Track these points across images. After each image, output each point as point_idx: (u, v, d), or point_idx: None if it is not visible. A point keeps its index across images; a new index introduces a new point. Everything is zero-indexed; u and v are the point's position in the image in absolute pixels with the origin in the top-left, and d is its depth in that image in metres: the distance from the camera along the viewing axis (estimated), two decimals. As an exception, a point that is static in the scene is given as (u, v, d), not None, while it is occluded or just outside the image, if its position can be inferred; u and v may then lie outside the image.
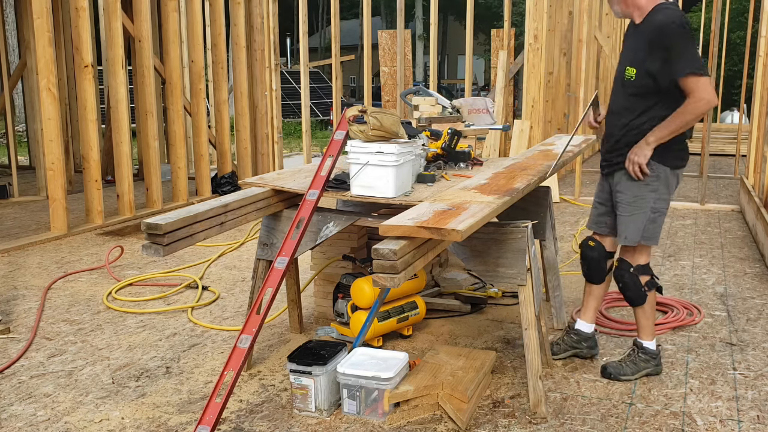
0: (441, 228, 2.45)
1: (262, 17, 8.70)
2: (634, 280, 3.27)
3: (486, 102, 4.17)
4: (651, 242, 3.24)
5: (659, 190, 3.18)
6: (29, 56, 7.95)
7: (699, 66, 3.00)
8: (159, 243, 2.74)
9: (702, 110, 3.03)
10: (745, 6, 19.54)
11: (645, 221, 3.19)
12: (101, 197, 6.70)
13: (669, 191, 3.21)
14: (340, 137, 3.31)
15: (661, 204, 3.20)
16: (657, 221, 3.21)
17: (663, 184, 3.18)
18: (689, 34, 3.03)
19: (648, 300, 3.30)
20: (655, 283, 3.31)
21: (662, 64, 3.04)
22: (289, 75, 19.69)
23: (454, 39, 39.22)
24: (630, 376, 3.32)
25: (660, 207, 3.20)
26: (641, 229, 3.20)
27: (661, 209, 3.21)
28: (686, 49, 3.01)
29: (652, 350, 3.36)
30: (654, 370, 3.37)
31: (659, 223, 3.22)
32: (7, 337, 3.93)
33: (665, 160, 3.15)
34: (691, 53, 3.01)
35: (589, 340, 3.55)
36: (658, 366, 3.38)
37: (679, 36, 3.02)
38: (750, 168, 7.53)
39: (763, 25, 7.25)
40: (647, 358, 3.35)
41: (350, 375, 2.96)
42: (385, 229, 2.52)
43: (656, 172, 3.16)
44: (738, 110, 13.89)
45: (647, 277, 3.28)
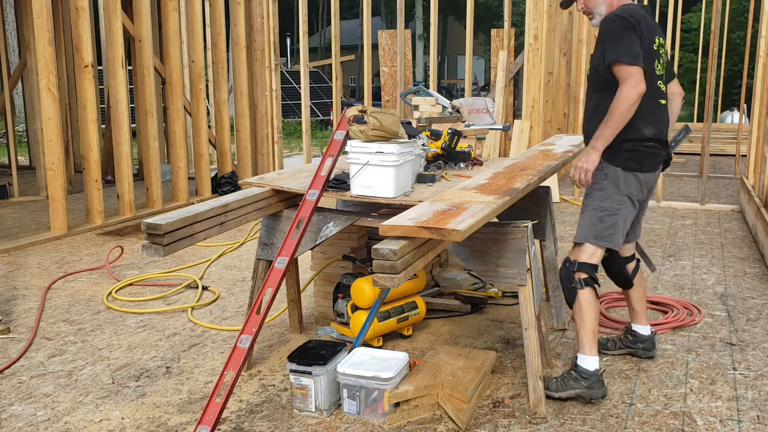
0: (441, 228, 2.45)
1: (262, 17, 8.69)
2: (567, 274, 3.12)
3: (486, 102, 4.17)
4: (604, 243, 3.09)
5: (606, 189, 3.07)
6: (29, 56, 7.95)
7: (629, 55, 2.89)
8: (159, 243, 2.74)
9: (630, 98, 2.88)
10: (745, 6, 19.54)
11: (593, 219, 3.09)
12: (101, 197, 6.70)
13: (619, 192, 3.06)
14: (340, 137, 3.31)
15: (609, 203, 3.06)
16: (606, 221, 3.07)
17: (611, 183, 3.06)
18: (627, 25, 2.93)
19: (579, 300, 3.07)
20: (590, 282, 3.06)
21: (601, 54, 3.01)
22: (289, 75, 19.69)
23: (454, 39, 39.22)
24: (553, 393, 3.07)
25: (608, 207, 3.06)
26: (589, 228, 3.10)
27: (610, 209, 3.06)
28: (620, 38, 2.93)
29: (584, 369, 3.06)
30: (584, 393, 3.04)
31: (610, 224, 3.07)
32: (7, 337, 3.93)
33: (613, 160, 3.05)
34: (625, 43, 2.91)
35: (646, 341, 3.52)
36: (593, 389, 3.04)
37: (615, 25, 2.97)
38: (750, 168, 7.53)
39: (763, 25, 7.25)
40: (577, 376, 3.07)
41: (350, 375, 2.96)
42: (385, 229, 2.52)
43: (605, 170, 3.07)
44: (738, 110, 13.89)
45: (584, 275, 3.07)
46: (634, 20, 2.96)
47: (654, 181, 3.22)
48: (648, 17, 3.07)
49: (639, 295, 3.51)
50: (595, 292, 3.09)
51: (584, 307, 3.08)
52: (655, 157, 3.12)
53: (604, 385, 3.10)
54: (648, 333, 3.54)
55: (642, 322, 3.53)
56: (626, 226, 3.14)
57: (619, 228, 3.09)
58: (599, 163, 3.09)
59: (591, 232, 3.10)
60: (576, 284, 3.09)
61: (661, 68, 3.11)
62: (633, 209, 3.14)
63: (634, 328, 3.55)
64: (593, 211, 3.10)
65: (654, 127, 3.07)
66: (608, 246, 3.11)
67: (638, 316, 3.53)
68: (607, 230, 3.08)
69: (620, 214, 3.08)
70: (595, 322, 3.11)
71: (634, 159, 3.06)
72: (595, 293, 3.09)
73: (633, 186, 3.08)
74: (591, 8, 3.18)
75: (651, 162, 3.11)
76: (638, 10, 3.04)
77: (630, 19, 2.96)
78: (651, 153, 3.10)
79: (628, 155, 3.05)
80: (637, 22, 2.96)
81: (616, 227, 3.08)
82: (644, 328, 3.54)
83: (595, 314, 3.09)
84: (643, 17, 3.02)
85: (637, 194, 3.12)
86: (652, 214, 7.25)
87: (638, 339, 3.53)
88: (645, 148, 3.07)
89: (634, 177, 3.07)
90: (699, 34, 13.42)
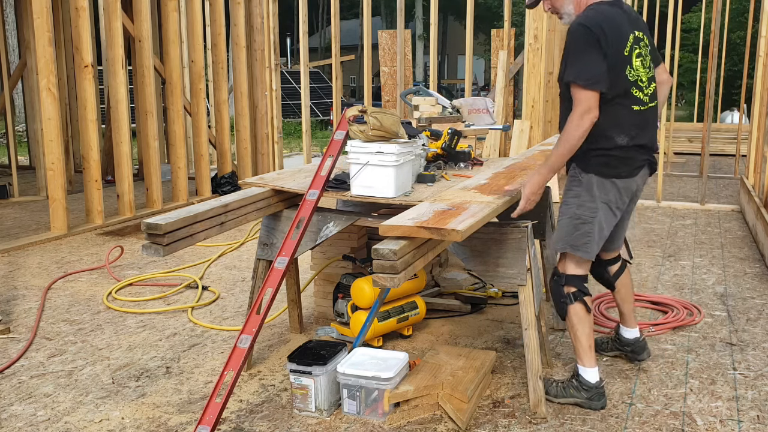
0: (441, 228, 2.45)
1: (262, 17, 8.69)
2: (556, 288, 3.06)
3: (486, 102, 4.17)
4: (579, 252, 2.98)
5: (581, 197, 2.95)
6: (29, 56, 7.95)
7: (586, 77, 2.75)
8: (159, 243, 2.74)
9: (580, 127, 2.77)
10: (745, 6, 19.54)
11: (568, 227, 2.99)
12: (101, 197, 6.70)
13: (593, 199, 2.93)
14: (340, 137, 3.31)
15: (584, 211, 2.94)
16: (580, 229, 2.95)
17: (585, 190, 2.94)
18: (591, 39, 2.76)
19: (570, 315, 3.01)
20: (579, 296, 2.99)
21: (564, 67, 2.86)
22: (289, 75, 19.68)
23: (454, 39, 39.22)
24: (553, 398, 3.07)
25: (583, 214, 2.94)
26: (564, 236, 3.00)
27: (585, 217, 2.94)
28: (581, 55, 2.78)
29: (585, 380, 3.04)
30: (584, 403, 3.03)
31: (585, 232, 2.95)
32: (7, 337, 3.93)
33: (586, 167, 2.93)
34: (584, 62, 2.76)
35: (632, 344, 3.42)
36: (593, 401, 3.02)
37: (579, 37, 2.80)
38: (750, 168, 7.53)
39: (763, 25, 7.25)
40: (578, 386, 3.05)
41: (350, 375, 2.96)
42: (385, 229, 2.52)
43: (578, 176, 2.97)
44: (738, 110, 13.89)
45: (573, 289, 3.00)
46: (599, 30, 2.78)
47: (638, 188, 3.07)
48: (616, 16, 2.88)
49: (624, 297, 3.38)
50: (585, 305, 3.00)
51: (575, 322, 3.02)
52: (630, 162, 2.95)
53: (604, 396, 3.06)
54: (634, 336, 3.42)
55: (628, 324, 3.43)
56: (603, 234, 2.99)
57: (594, 237, 2.96)
58: (573, 170, 3.00)
59: (567, 240, 3.00)
60: (565, 299, 3.03)
61: (635, 73, 2.91)
62: (612, 216, 3.00)
63: (621, 330, 3.47)
64: (568, 220, 2.99)
65: (626, 134, 2.89)
66: (581, 256, 2.99)
67: (624, 318, 3.43)
68: (582, 239, 2.96)
69: (595, 222, 2.95)
70: (589, 335, 3.03)
71: (608, 165, 2.92)
72: (585, 306, 3.00)
73: (611, 193, 2.94)
74: (558, 8, 3.04)
75: (627, 168, 2.95)
76: (606, 12, 2.86)
77: (595, 30, 2.77)
78: (625, 158, 2.93)
79: (602, 161, 2.92)
80: (602, 31, 2.78)
81: (590, 236, 2.96)
82: (631, 330, 3.43)
83: (587, 327, 3.02)
84: (610, 20, 2.84)
85: (616, 201, 2.97)
86: (652, 214, 7.26)
87: (624, 342, 3.45)
88: (617, 155, 2.92)
89: (612, 183, 2.93)
90: (699, 34, 13.41)
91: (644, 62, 2.96)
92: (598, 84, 2.77)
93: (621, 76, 2.87)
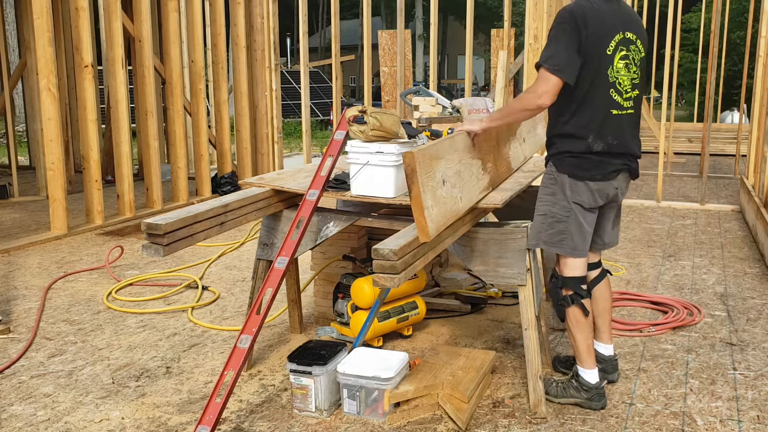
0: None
1: (262, 17, 8.69)
2: (554, 290, 3.05)
3: (486, 102, 4.17)
4: (556, 249, 2.97)
5: (556, 195, 2.94)
6: (29, 56, 7.95)
7: (554, 62, 2.73)
8: (159, 243, 2.74)
9: (527, 104, 2.79)
10: (745, 6, 19.54)
11: (543, 225, 2.98)
12: (101, 197, 6.70)
13: (566, 199, 2.91)
14: (340, 137, 3.31)
15: (557, 210, 2.93)
16: (555, 227, 2.93)
17: (560, 190, 2.92)
18: (570, 25, 2.74)
19: (569, 317, 3.00)
20: (576, 299, 2.97)
21: None
22: (289, 75, 19.68)
23: (454, 39, 39.23)
24: (553, 398, 3.07)
25: (556, 212, 2.93)
26: (538, 233, 2.99)
27: (559, 216, 2.92)
28: (554, 41, 2.77)
29: (585, 381, 3.03)
30: (584, 403, 3.02)
31: (558, 230, 2.93)
32: (7, 337, 3.93)
33: (560, 167, 2.92)
34: (556, 48, 2.75)
35: (605, 362, 3.23)
36: (593, 401, 3.01)
37: (559, 23, 2.79)
38: (750, 168, 7.53)
39: (763, 25, 7.25)
40: (578, 386, 3.04)
41: (350, 375, 2.96)
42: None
43: (553, 175, 2.95)
44: (738, 110, 13.89)
45: (570, 292, 2.99)
46: (582, 21, 2.75)
47: (618, 191, 3.00)
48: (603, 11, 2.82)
49: (602, 309, 3.19)
50: (582, 308, 2.98)
51: (573, 324, 3.00)
52: (604, 166, 2.89)
53: (604, 396, 3.05)
54: (609, 353, 3.25)
55: (603, 340, 3.24)
56: (585, 231, 2.95)
57: (571, 235, 2.93)
58: (549, 168, 2.99)
59: (540, 237, 2.99)
60: (563, 302, 3.02)
61: (615, 74, 2.85)
62: (590, 213, 2.95)
63: (595, 345, 3.20)
64: (543, 217, 2.98)
65: (602, 140, 2.85)
66: (559, 252, 2.98)
67: (600, 333, 3.22)
68: (556, 236, 2.95)
69: (569, 222, 2.92)
70: (588, 337, 3.02)
71: (581, 167, 2.88)
72: (582, 309, 2.98)
73: (583, 194, 2.90)
74: None
75: (601, 171, 2.89)
76: (597, 6, 2.81)
77: (577, 18, 2.75)
78: (599, 162, 2.88)
79: (574, 162, 2.89)
80: (584, 23, 2.74)
81: (565, 234, 2.93)
82: (606, 347, 3.25)
83: (587, 329, 3.01)
84: (595, 14, 2.78)
85: (588, 202, 2.91)
86: (652, 214, 7.26)
87: (597, 357, 3.16)
88: (591, 158, 2.88)
89: (584, 185, 2.89)
90: (699, 34, 13.41)
91: (629, 66, 2.88)
92: (563, 72, 2.73)
93: (600, 74, 2.82)
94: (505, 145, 3.54)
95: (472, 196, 2.91)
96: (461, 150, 2.87)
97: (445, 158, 2.68)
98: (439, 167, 2.60)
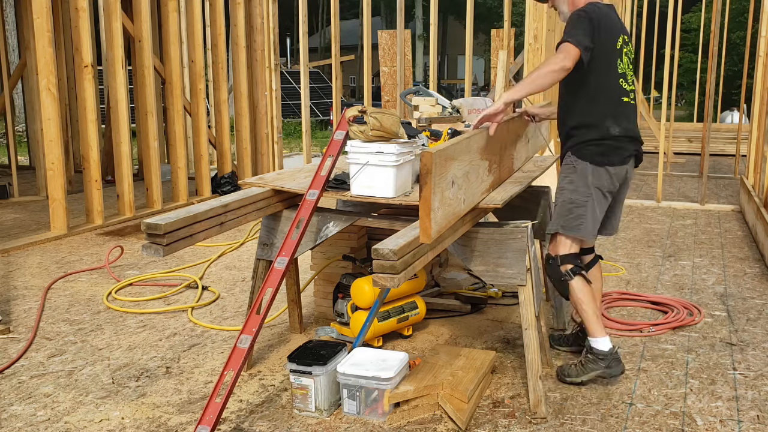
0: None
1: (262, 17, 8.69)
2: (553, 270, 3.26)
3: (486, 102, 4.17)
4: (572, 233, 3.21)
5: (575, 182, 3.19)
6: (29, 56, 7.94)
7: (576, 39, 2.99)
8: (159, 243, 2.74)
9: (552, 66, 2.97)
10: (745, 6, 19.54)
11: (562, 211, 3.22)
12: (101, 197, 6.70)
13: (587, 185, 3.17)
14: (340, 137, 3.31)
15: (577, 196, 3.18)
16: (574, 212, 3.19)
17: (579, 176, 3.18)
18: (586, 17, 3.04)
19: (573, 289, 3.20)
20: (577, 271, 3.20)
21: None
22: (289, 75, 19.68)
23: (454, 39, 39.22)
24: (575, 378, 3.20)
25: (576, 199, 3.18)
26: (558, 218, 3.24)
27: (578, 201, 3.18)
28: (575, 26, 3.04)
29: (599, 350, 3.18)
30: (604, 372, 3.17)
31: (577, 215, 3.18)
32: (7, 337, 3.93)
33: (581, 154, 3.18)
34: (578, 29, 3.02)
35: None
36: (610, 368, 3.17)
37: (575, 17, 3.09)
38: (750, 168, 7.53)
39: (763, 25, 7.25)
40: (594, 358, 3.18)
41: (350, 375, 2.96)
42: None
43: (573, 164, 3.21)
44: (738, 110, 13.89)
45: (570, 266, 3.21)
46: (596, 17, 3.06)
47: (627, 175, 3.27)
48: (611, 15, 3.17)
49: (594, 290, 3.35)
50: (584, 278, 3.21)
51: (578, 295, 3.21)
52: (621, 151, 3.19)
53: (621, 361, 3.20)
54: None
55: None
56: (597, 216, 3.21)
57: (587, 218, 3.19)
58: (568, 158, 3.23)
59: (559, 222, 3.23)
60: (565, 276, 3.21)
61: (624, 67, 3.18)
62: (604, 200, 3.23)
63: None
64: (563, 203, 3.22)
65: (618, 125, 3.14)
66: (576, 235, 3.21)
67: None
68: (575, 221, 3.19)
69: (588, 206, 3.18)
70: (595, 306, 3.22)
71: (602, 153, 3.16)
72: (585, 279, 3.21)
73: (603, 178, 3.18)
74: (557, 5, 3.33)
75: (618, 156, 3.18)
76: (603, 8, 3.14)
77: (591, 13, 3.07)
78: (617, 147, 3.17)
79: (595, 150, 3.16)
80: (597, 19, 3.06)
81: (583, 218, 3.19)
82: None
83: (591, 298, 3.21)
84: (605, 15, 3.12)
85: (608, 186, 3.20)
86: (652, 214, 7.26)
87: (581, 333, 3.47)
88: (610, 144, 3.16)
89: (605, 170, 3.17)
90: (699, 34, 13.41)
91: (629, 64, 3.24)
92: (582, 45, 2.99)
93: (612, 63, 3.14)
94: (512, 145, 3.57)
95: (475, 198, 2.92)
96: (474, 151, 2.89)
97: (458, 159, 2.69)
98: (452, 168, 2.62)
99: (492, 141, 3.11)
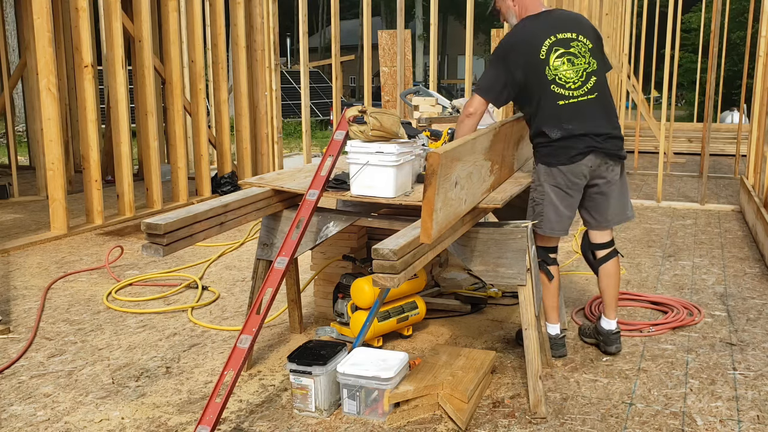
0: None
1: (262, 17, 8.69)
2: None
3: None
4: (537, 229, 3.38)
5: (535, 183, 3.41)
6: (29, 56, 7.94)
7: (483, 88, 3.30)
8: (159, 243, 2.74)
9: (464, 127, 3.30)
10: (745, 6, 19.54)
11: (529, 209, 3.45)
12: (101, 197, 6.70)
13: (542, 184, 3.35)
14: (340, 137, 3.31)
15: (536, 195, 3.40)
16: (536, 210, 3.40)
17: (537, 177, 3.39)
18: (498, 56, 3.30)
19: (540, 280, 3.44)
20: (542, 266, 3.43)
21: None
22: (289, 75, 19.69)
23: (454, 39, 39.22)
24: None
25: (536, 197, 3.40)
26: (528, 216, 3.44)
27: (537, 199, 3.39)
28: (487, 70, 3.37)
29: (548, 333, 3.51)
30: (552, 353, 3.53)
31: (538, 212, 3.39)
32: (7, 337, 3.93)
33: (536, 158, 3.39)
34: (486, 77, 3.33)
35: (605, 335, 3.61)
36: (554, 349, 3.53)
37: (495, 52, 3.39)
38: (750, 168, 7.53)
39: (763, 25, 7.25)
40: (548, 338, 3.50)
41: (350, 375, 2.96)
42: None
43: (535, 167, 3.42)
44: (738, 110, 13.89)
45: (538, 260, 3.42)
46: (509, 47, 3.30)
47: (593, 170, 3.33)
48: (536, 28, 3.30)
49: (605, 285, 3.57)
50: (547, 272, 3.45)
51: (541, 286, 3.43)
52: (569, 150, 3.28)
53: (563, 347, 3.57)
54: (609, 327, 3.59)
55: (607, 315, 3.60)
56: (561, 212, 3.36)
57: (547, 215, 3.37)
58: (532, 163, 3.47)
59: (529, 219, 3.41)
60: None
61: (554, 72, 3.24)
62: (567, 196, 3.35)
63: (600, 319, 3.65)
64: (529, 202, 3.46)
65: (558, 128, 3.25)
66: (539, 231, 3.38)
67: (605, 308, 3.62)
68: (536, 218, 3.39)
69: (545, 203, 3.36)
70: (551, 299, 3.49)
71: (549, 155, 3.32)
72: (546, 274, 3.46)
73: (557, 177, 3.32)
74: (507, 19, 3.55)
75: (565, 156, 3.28)
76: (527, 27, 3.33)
77: (505, 48, 3.31)
78: (563, 147, 3.28)
79: (544, 152, 3.33)
80: (511, 48, 3.29)
81: (542, 215, 3.38)
82: (608, 321, 3.60)
83: (549, 291, 3.48)
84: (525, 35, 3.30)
85: (565, 183, 3.32)
86: (652, 214, 7.26)
87: (599, 331, 3.65)
88: (557, 145, 3.29)
89: (557, 170, 3.31)
90: (699, 34, 13.41)
91: (573, 60, 3.27)
92: (487, 94, 3.30)
93: (540, 78, 3.26)
94: (514, 146, 3.60)
95: (476, 199, 2.93)
96: (478, 152, 2.92)
97: (463, 160, 2.71)
98: (457, 169, 2.63)
99: (496, 142, 3.12)
